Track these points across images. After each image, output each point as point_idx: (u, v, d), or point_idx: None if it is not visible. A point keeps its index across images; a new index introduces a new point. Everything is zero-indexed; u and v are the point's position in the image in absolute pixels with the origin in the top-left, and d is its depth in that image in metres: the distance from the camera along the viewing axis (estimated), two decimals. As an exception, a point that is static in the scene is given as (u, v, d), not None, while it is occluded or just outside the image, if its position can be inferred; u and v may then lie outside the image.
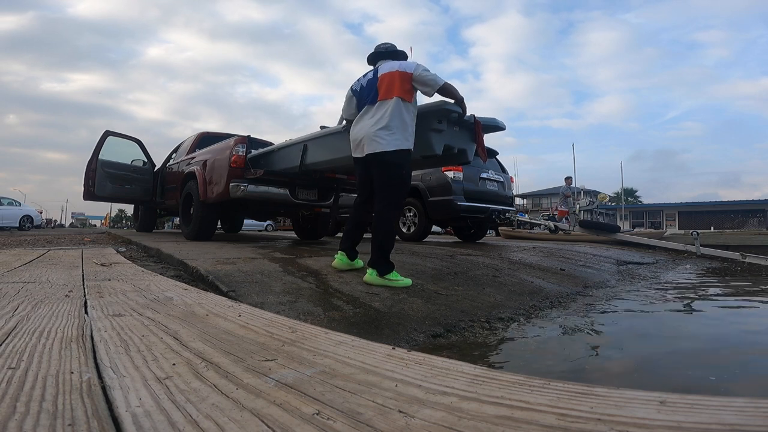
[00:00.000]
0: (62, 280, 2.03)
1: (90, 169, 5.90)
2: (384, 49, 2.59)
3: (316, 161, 3.73)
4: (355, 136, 2.45)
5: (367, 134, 2.34)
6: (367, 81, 2.49)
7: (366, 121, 2.40)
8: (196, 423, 0.57)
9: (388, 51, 2.58)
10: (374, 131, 2.31)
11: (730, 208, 30.90)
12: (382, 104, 2.35)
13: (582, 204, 9.52)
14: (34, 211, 15.31)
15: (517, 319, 2.07)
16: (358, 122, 2.46)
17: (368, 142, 2.33)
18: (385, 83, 2.37)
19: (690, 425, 0.52)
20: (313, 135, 3.71)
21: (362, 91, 2.51)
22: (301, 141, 3.82)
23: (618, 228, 8.13)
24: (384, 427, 0.56)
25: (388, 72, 2.40)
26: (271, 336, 1.03)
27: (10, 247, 4.42)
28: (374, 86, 2.42)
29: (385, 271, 2.27)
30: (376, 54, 2.59)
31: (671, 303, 2.70)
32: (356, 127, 2.47)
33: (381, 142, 2.29)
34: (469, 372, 0.77)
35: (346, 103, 2.66)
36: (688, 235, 6.75)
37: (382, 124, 2.31)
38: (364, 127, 2.38)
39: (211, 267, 2.41)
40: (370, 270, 2.28)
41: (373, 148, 2.31)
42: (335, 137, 3.31)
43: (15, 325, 1.10)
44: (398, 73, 2.36)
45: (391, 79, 2.36)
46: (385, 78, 2.39)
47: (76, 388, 0.68)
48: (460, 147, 3.05)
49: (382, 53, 2.57)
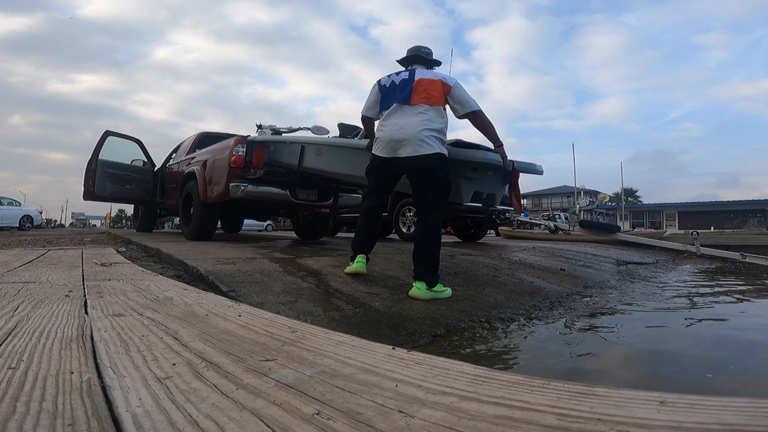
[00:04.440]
0: (62, 280, 2.03)
1: (90, 169, 5.90)
2: (424, 54, 2.52)
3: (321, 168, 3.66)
4: (394, 135, 2.27)
5: (415, 136, 2.20)
6: (401, 80, 2.37)
7: (408, 119, 2.26)
8: (196, 423, 0.57)
9: (427, 56, 2.51)
10: (425, 134, 2.19)
11: (730, 208, 30.92)
12: (425, 108, 2.25)
13: (582, 204, 9.52)
14: (34, 211, 15.31)
15: (517, 319, 2.07)
16: (396, 121, 2.31)
17: (416, 143, 2.19)
18: (424, 89, 2.29)
19: (690, 425, 0.52)
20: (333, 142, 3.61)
21: (392, 87, 2.39)
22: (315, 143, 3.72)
23: (618, 228, 8.14)
24: (384, 427, 0.56)
25: (430, 79, 2.33)
26: (271, 336, 1.03)
27: (10, 247, 4.43)
28: (408, 87, 2.31)
29: (434, 283, 2.12)
30: (414, 57, 2.50)
31: (671, 303, 2.70)
32: (394, 126, 2.30)
33: (432, 144, 2.19)
34: (469, 372, 0.77)
35: (371, 98, 2.50)
36: (688, 235, 6.75)
37: (433, 127, 2.21)
38: (409, 127, 2.23)
39: (211, 267, 2.41)
40: (419, 284, 2.10)
41: (424, 150, 2.18)
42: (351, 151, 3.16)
43: (15, 325, 1.10)
44: (441, 83, 2.31)
45: (432, 87, 2.30)
46: (424, 83, 2.31)
47: (76, 388, 0.68)
48: (489, 192, 2.80)
49: (419, 57, 2.49)
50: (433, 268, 2.14)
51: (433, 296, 2.10)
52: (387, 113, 2.37)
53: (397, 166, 2.30)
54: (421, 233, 2.21)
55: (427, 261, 2.12)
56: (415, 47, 2.55)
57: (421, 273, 2.12)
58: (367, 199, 2.47)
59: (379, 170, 2.38)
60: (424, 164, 2.20)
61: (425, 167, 2.21)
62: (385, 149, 2.31)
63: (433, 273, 2.13)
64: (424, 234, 2.19)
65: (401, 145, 2.24)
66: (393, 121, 2.32)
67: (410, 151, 2.21)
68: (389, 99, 2.38)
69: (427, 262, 2.12)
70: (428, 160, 2.19)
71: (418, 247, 2.17)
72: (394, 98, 2.35)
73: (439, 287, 2.14)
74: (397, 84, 2.38)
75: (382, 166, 2.35)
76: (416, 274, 2.14)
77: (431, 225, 2.21)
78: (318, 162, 3.66)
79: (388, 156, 2.29)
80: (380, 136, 2.36)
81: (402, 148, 2.23)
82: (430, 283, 2.11)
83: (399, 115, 2.32)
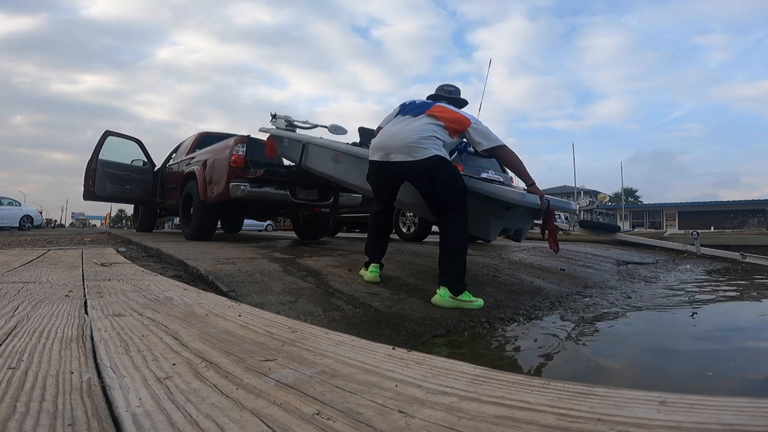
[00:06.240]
0: (62, 280, 2.03)
1: (90, 169, 5.90)
2: (446, 92, 2.52)
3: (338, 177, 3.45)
4: (386, 141, 2.25)
5: (408, 140, 2.15)
6: (421, 102, 2.42)
7: (406, 127, 2.24)
8: (196, 423, 0.57)
9: (449, 94, 2.51)
10: (417, 139, 2.14)
11: (730, 208, 30.91)
12: (430, 120, 2.24)
13: (582, 204, 9.51)
14: (34, 211, 15.31)
15: (517, 319, 2.07)
16: (393, 128, 2.31)
17: (409, 147, 2.13)
18: (440, 110, 2.29)
19: (690, 425, 0.52)
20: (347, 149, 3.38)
21: (410, 105, 2.42)
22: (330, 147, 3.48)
23: (618, 228, 8.13)
24: (384, 427, 0.56)
25: (449, 108, 2.33)
26: (271, 336, 1.03)
27: (10, 247, 4.42)
28: (424, 107, 2.33)
29: (459, 290, 2.00)
30: (437, 97, 2.51)
31: (671, 302, 2.70)
32: (389, 133, 2.30)
33: (428, 148, 2.11)
34: (469, 372, 0.77)
35: (390, 113, 2.53)
36: (688, 235, 6.74)
37: (430, 134, 2.16)
38: (402, 134, 2.20)
39: (211, 267, 2.41)
40: (442, 290, 2.01)
41: (418, 154, 2.11)
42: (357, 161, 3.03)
43: (15, 325, 1.10)
44: (462, 116, 2.30)
45: (449, 112, 2.29)
46: (442, 107, 2.32)
47: (76, 388, 0.68)
48: (516, 228, 2.63)
49: (440, 97, 2.49)
50: (457, 274, 2.02)
51: (457, 305, 1.98)
52: (393, 121, 2.39)
53: (392, 171, 2.24)
54: (444, 237, 2.11)
55: (453, 268, 2.02)
56: (440, 86, 2.59)
57: (444, 278, 2.03)
58: (374, 204, 2.47)
59: (375, 175, 2.36)
60: (424, 171, 2.13)
61: (426, 175, 2.14)
62: (377, 153, 2.28)
63: (455, 278, 2.01)
64: (452, 240, 2.07)
65: (393, 150, 2.19)
66: (390, 128, 2.35)
67: (402, 156, 2.14)
68: (402, 113, 2.40)
69: (450, 267, 2.03)
70: (425, 165, 2.10)
71: (442, 251, 2.09)
72: (405, 113, 2.37)
73: (467, 296, 2.01)
74: (416, 103, 2.41)
75: (377, 170, 2.32)
76: (439, 279, 2.06)
77: (454, 228, 2.09)
78: (335, 170, 3.40)
79: (380, 160, 2.25)
80: (374, 141, 2.37)
81: (394, 153, 2.18)
82: (454, 289, 2.00)
83: (398, 123, 2.33)
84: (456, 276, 2.02)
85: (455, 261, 2.03)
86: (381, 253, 2.40)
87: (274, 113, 4.34)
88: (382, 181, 2.36)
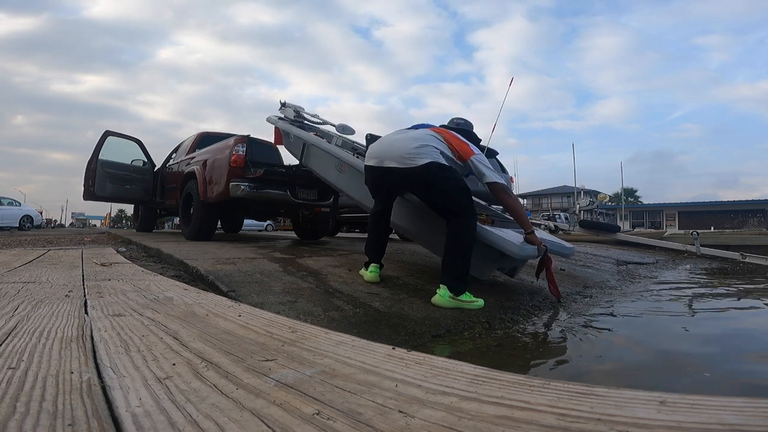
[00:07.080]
0: (62, 280, 2.03)
1: (90, 169, 5.90)
2: (454, 124, 2.52)
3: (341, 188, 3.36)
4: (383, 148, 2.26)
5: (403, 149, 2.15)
6: (429, 125, 2.43)
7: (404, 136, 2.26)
8: (196, 423, 0.57)
9: (457, 125, 2.50)
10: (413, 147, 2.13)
11: (730, 208, 30.93)
12: (431, 133, 2.24)
13: (582, 204, 9.51)
14: (34, 211, 15.31)
15: (517, 319, 2.07)
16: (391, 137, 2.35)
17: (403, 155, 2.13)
18: (443, 132, 2.29)
19: (690, 425, 0.52)
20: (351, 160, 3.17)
21: (416, 125, 2.46)
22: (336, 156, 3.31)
23: (618, 228, 8.14)
24: (384, 427, 0.56)
25: (456, 135, 2.29)
26: (271, 336, 1.03)
27: (10, 247, 4.42)
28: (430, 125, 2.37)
29: (460, 291, 2.01)
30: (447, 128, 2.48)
31: (672, 302, 2.70)
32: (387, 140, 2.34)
33: (423, 155, 2.09)
34: (469, 372, 0.77)
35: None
36: (688, 235, 6.74)
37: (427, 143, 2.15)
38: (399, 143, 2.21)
39: (211, 267, 2.41)
40: (442, 290, 2.01)
41: (411, 162, 2.10)
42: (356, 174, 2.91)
43: (15, 325, 1.10)
44: (464, 144, 2.24)
45: (452, 137, 2.26)
46: (447, 132, 2.30)
47: (76, 388, 0.68)
48: (512, 266, 2.68)
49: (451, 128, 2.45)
50: (459, 275, 2.02)
51: (457, 305, 1.98)
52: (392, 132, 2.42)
53: (386, 177, 2.23)
54: (448, 238, 2.10)
55: (452, 267, 2.03)
56: (451, 119, 2.61)
57: (445, 278, 2.03)
58: (374, 204, 2.48)
59: (371, 179, 2.35)
60: (418, 179, 2.11)
61: (420, 183, 2.14)
62: (371, 159, 2.29)
63: (457, 279, 2.01)
64: (451, 239, 2.08)
65: (387, 157, 2.19)
66: (389, 136, 2.39)
67: (396, 162, 2.13)
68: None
69: (452, 268, 2.03)
70: (418, 173, 2.08)
71: (445, 251, 2.08)
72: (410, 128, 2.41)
73: (467, 296, 2.01)
74: (424, 124, 2.44)
75: (372, 175, 2.32)
76: (441, 279, 2.06)
77: (457, 230, 2.08)
78: (338, 179, 3.32)
79: (375, 165, 2.25)
80: (371, 148, 2.39)
81: (387, 160, 2.18)
82: (454, 289, 2.00)
83: (398, 133, 2.36)
84: (457, 276, 2.03)
85: (457, 262, 2.03)
86: (381, 252, 2.40)
87: (284, 101, 4.26)
88: (379, 185, 2.37)
